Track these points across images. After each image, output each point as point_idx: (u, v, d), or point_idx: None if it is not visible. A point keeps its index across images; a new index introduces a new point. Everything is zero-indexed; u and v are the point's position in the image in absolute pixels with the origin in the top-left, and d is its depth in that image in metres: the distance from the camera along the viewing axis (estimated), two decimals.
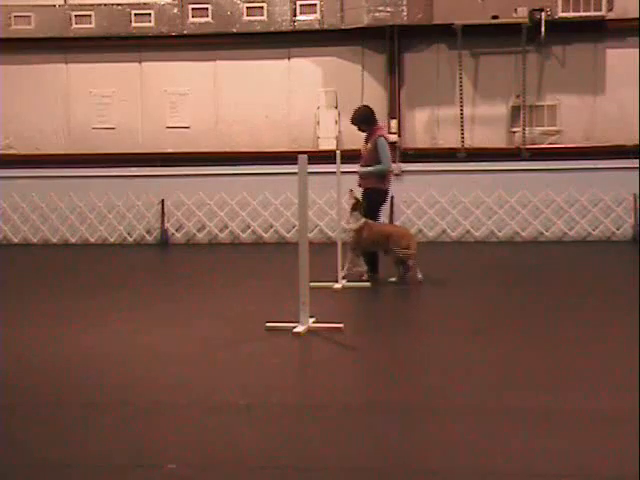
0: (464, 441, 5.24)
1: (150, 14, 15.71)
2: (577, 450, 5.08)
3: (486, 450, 5.10)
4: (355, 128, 11.19)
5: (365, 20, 14.88)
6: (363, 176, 10.98)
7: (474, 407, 5.91)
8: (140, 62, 16.15)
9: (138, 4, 15.71)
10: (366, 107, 11.34)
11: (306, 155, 8.45)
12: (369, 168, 10.88)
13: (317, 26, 15.46)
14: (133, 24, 15.75)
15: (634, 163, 14.72)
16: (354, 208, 10.87)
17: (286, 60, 15.86)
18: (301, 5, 15.46)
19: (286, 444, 5.33)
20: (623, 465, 4.81)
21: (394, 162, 15.51)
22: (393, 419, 5.73)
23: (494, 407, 5.93)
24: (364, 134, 11.13)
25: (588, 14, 14.44)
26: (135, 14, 15.72)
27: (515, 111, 15.39)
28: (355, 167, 10.98)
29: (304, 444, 5.32)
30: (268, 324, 8.28)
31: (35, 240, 16.04)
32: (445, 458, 5.00)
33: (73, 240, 15.99)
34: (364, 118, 11.11)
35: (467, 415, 5.74)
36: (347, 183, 11.04)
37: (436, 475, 4.79)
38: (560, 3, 14.43)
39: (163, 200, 15.82)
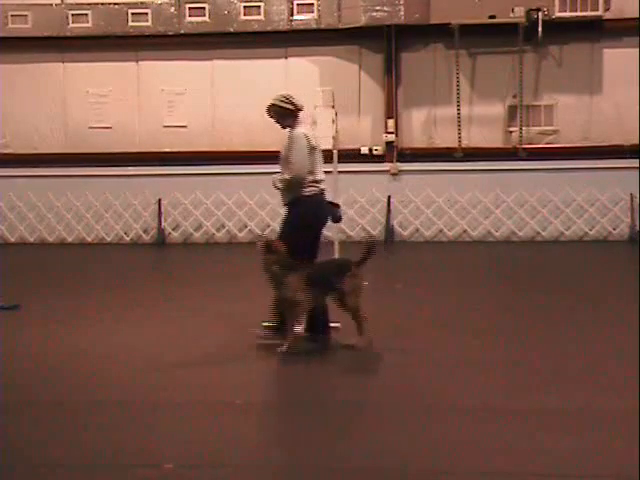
0: (465, 441, 5.24)
1: (147, 13, 15.67)
2: (579, 450, 5.09)
3: (489, 450, 5.10)
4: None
5: (362, 20, 14.87)
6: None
7: (475, 407, 5.91)
8: (137, 61, 16.12)
9: (135, 3, 15.67)
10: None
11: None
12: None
13: (314, 25, 15.44)
14: (130, 23, 15.71)
15: (631, 163, 14.72)
16: None
17: (283, 59, 15.84)
18: (298, 4, 15.44)
19: (285, 444, 5.33)
20: (624, 465, 4.82)
21: (391, 162, 15.61)
22: (393, 419, 5.73)
23: (496, 407, 5.93)
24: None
25: (585, 14, 14.44)
26: (132, 13, 15.68)
27: (512, 111, 15.37)
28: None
29: (303, 444, 5.32)
30: (265, 323, 8.27)
31: (32, 239, 16.00)
32: (447, 458, 5.00)
33: (70, 239, 15.96)
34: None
35: (468, 415, 5.75)
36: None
37: (438, 475, 4.79)
38: (557, 3, 14.41)
39: (160, 199, 15.79)
